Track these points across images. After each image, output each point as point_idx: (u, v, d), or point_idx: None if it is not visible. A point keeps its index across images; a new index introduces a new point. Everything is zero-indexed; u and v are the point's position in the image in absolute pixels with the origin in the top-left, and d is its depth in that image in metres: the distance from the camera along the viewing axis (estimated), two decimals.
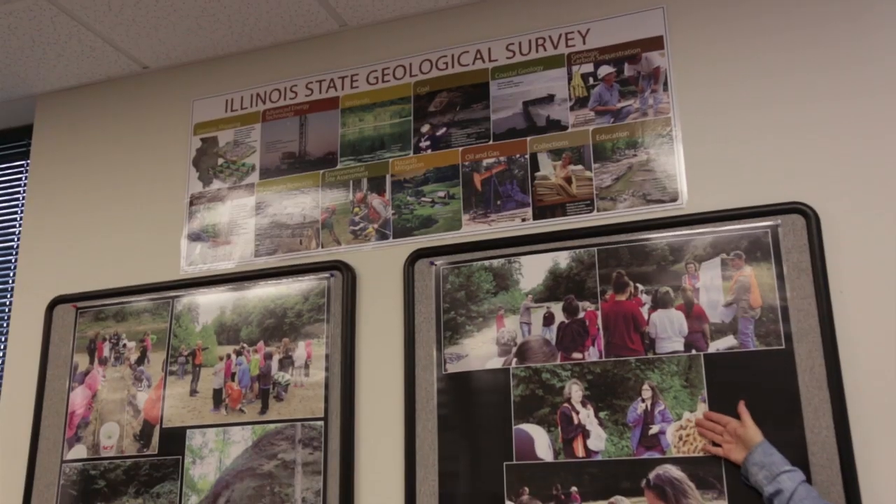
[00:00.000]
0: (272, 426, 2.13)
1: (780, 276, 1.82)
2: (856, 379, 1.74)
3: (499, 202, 2.12)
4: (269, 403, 2.15)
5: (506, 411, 1.95)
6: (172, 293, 2.35)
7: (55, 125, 2.72)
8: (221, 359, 2.24)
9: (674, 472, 1.79)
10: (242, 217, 2.37)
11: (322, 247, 2.26)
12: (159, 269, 2.41)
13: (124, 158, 2.58)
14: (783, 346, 1.78)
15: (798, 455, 1.70)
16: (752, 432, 1.71)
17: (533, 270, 2.03)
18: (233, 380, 2.21)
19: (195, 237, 2.40)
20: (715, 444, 1.77)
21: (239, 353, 2.22)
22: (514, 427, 1.94)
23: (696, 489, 1.77)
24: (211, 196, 2.42)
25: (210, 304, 2.30)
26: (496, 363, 2.00)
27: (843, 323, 1.77)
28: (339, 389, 2.09)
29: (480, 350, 2.02)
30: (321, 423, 2.09)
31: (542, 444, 1.91)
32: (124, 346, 2.35)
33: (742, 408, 1.75)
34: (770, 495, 1.64)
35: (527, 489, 1.89)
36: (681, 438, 1.81)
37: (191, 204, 2.44)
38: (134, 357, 2.33)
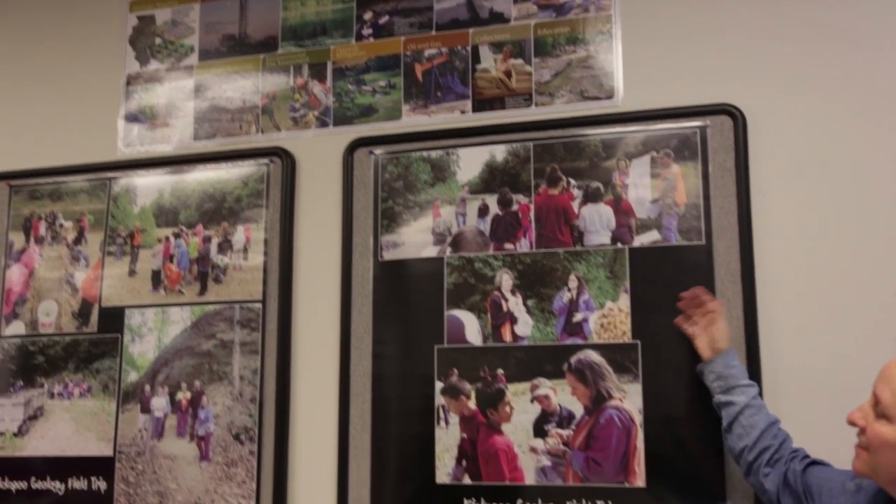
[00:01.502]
0: (211, 307, 2.18)
1: (706, 175, 1.90)
2: (767, 275, 1.85)
3: (439, 94, 2.14)
4: (208, 285, 2.19)
5: (439, 298, 2.03)
6: (109, 174, 2.33)
7: None
8: (160, 241, 2.25)
9: (594, 356, 1.91)
10: (181, 99, 2.34)
11: (262, 132, 2.25)
12: (96, 150, 2.38)
13: (57, 33, 2.50)
14: (703, 242, 1.88)
15: None
16: (720, 336, 1.75)
17: (470, 162, 2.07)
18: (171, 262, 2.23)
19: (132, 118, 2.37)
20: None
21: (177, 236, 2.24)
22: (445, 313, 2.02)
23: (613, 373, 1.89)
24: (148, 77, 2.38)
25: (148, 186, 2.29)
26: (431, 252, 2.06)
27: (761, 222, 1.87)
28: (277, 273, 2.14)
29: (416, 239, 2.07)
30: (259, 305, 2.14)
31: (472, 329, 2.00)
32: (61, 225, 2.34)
33: (718, 307, 1.78)
34: (720, 404, 1.71)
35: (456, 371, 1.99)
36: (602, 326, 1.91)
37: (128, 84, 2.40)
38: (71, 237, 2.33)
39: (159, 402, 2.16)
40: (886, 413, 1.27)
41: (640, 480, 1.84)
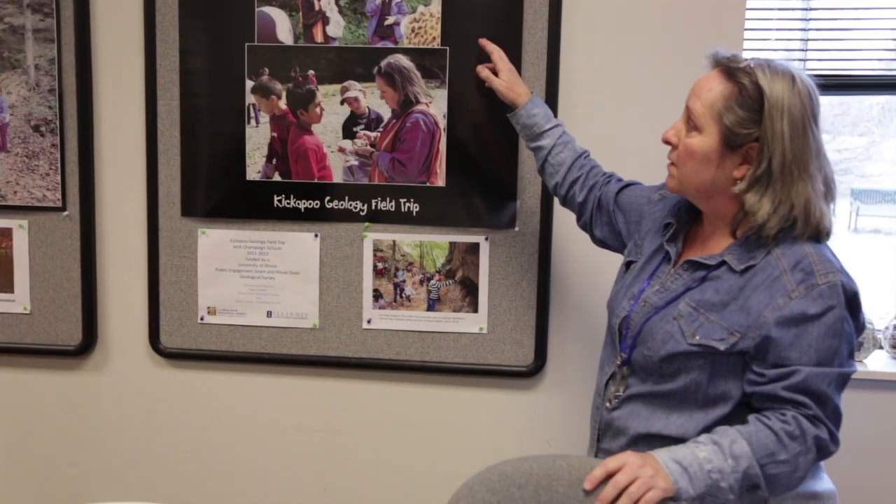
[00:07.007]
0: None
1: None
2: None
3: None
4: None
5: None
6: None
7: None
8: None
9: (403, 61, 1.94)
10: None
11: None
12: None
13: None
14: None
15: (514, 52, 1.89)
16: (514, 88, 1.77)
17: None
18: None
19: None
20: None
21: None
22: (256, 9, 1.95)
23: (421, 77, 1.94)
24: None
25: None
26: None
27: None
28: None
29: None
30: None
31: (284, 27, 1.96)
32: None
33: (496, 55, 1.82)
34: (531, 150, 1.76)
35: (267, 70, 1.97)
36: (413, 31, 1.92)
37: None
38: None
39: None
40: (697, 124, 1.34)
41: (440, 180, 1.97)
